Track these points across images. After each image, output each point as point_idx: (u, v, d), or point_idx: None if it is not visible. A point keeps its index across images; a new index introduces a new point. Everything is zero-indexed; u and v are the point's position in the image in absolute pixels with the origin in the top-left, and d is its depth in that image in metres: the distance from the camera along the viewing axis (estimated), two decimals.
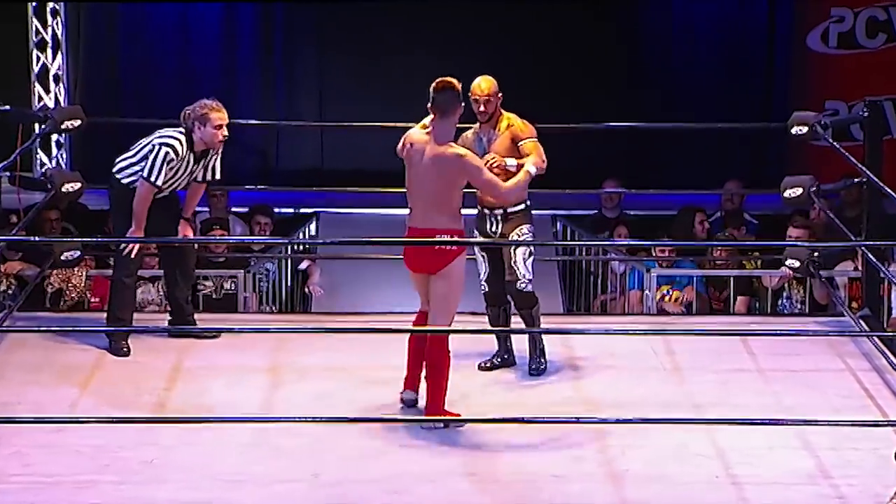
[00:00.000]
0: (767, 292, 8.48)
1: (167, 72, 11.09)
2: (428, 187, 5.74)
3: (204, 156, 6.68)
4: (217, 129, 6.59)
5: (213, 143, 6.60)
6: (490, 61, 11.00)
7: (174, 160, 6.56)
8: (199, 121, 6.57)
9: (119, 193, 6.65)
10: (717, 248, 8.74)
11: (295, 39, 11.30)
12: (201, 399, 6.06)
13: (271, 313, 8.54)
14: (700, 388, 6.28)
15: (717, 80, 11.17)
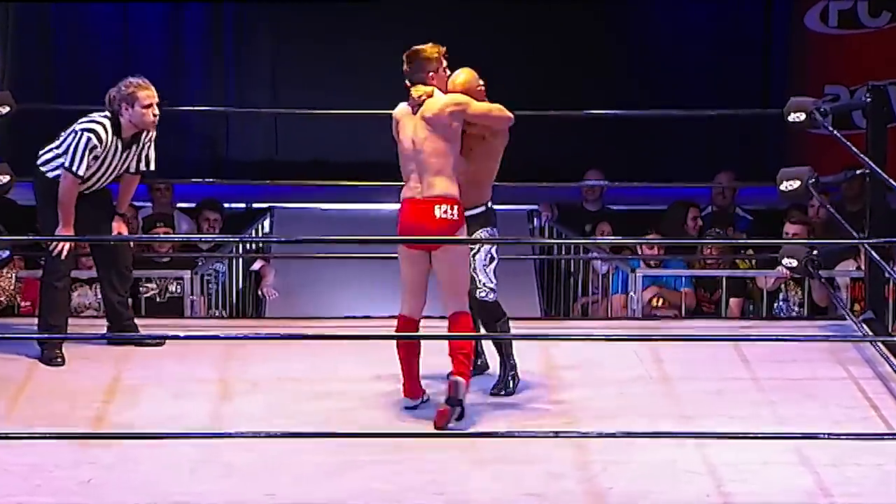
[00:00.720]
0: (762, 294, 8.52)
1: (105, 55, 11.05)
2: (420, 149, 5.89)
3: (135, 142, 6.65)
4: (146, 108, 6.56)
5: (143, 124, 6.57)
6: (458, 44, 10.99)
7: (97, 147, 6.53)
8: (125, 101, 6.54)
9: (44, 187, 6.62)
10: (708, 246, 8.76)
11: (246, 20, 11.29)
12: (144, 413, 6.03)
13: (221, 318, 8.53)
14: (689, 398, 6.30)
15: (708, 62, 11.21)
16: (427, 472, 5.44)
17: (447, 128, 5.91)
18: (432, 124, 5.91)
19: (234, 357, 6.70)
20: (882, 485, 5.32)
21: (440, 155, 5.90)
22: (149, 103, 6.56)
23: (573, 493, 5.30)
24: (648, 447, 5.60)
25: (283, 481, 5.35)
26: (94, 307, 8.35)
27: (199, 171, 10.59)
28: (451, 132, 5.92)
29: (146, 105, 6.55)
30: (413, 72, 6.01)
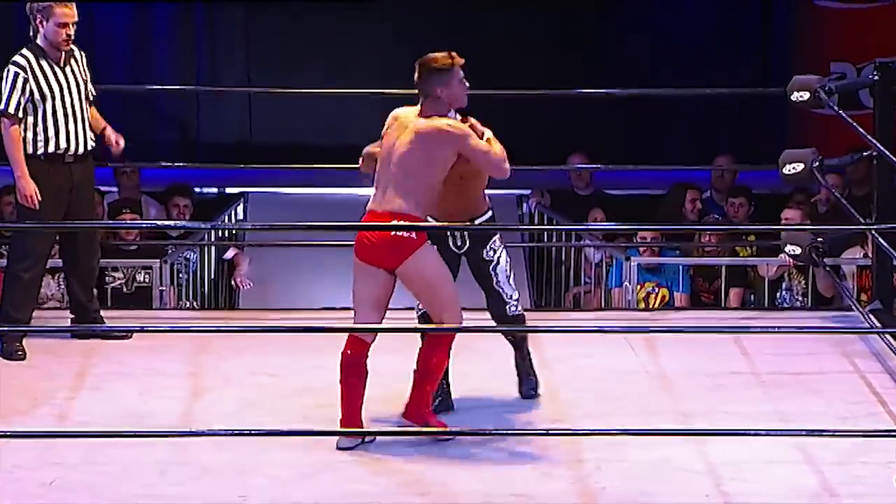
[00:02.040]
0: (764, 283, 8.53)
1: None
2: (397, 162, 5.62)
3: (68, 63, 6.66)
4: (60, 27, 6.57)
5: (55, 41, 6.58)
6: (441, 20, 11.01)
7: (27, 77, 6.55)
8: (41, 14, 6.59)
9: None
10: (707, 233, 8.77)
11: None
12: (110, 410, 6.02)
13: (192, 310, 8.52)
14: (687, 393, 6.31)
15: (707, 39, 11.22)
16: (410, 473, 5.44)
17: (434, 152, 5.60)
18: (420, 142, 5.61)
19: (205, 351, 6.69)
20: (890, 484, 5.33)
21: (414, 176, 5.58)
22: (64, 22, 6.58)
23: (565, 494, 5.30)
24: (644, 445, 5.60)
25: (257, 482, 5.34)
26: (57, 298, 8.34)
27: (169, 155, 10.58)
28: (435, 158, 5.60)
29: (61, 23, 6.57)
30: (422, 82, 5.70)
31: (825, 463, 5.51)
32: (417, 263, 5.62)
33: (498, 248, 5.99)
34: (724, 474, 5.43)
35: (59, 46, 6.61)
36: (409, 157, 5.62)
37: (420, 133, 5.64)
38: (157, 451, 5.52)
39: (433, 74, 5.69)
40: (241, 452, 5.53)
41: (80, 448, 5.52)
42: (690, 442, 5.62)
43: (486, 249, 5.98)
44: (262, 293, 9.13)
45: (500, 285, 5.98)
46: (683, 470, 5.47)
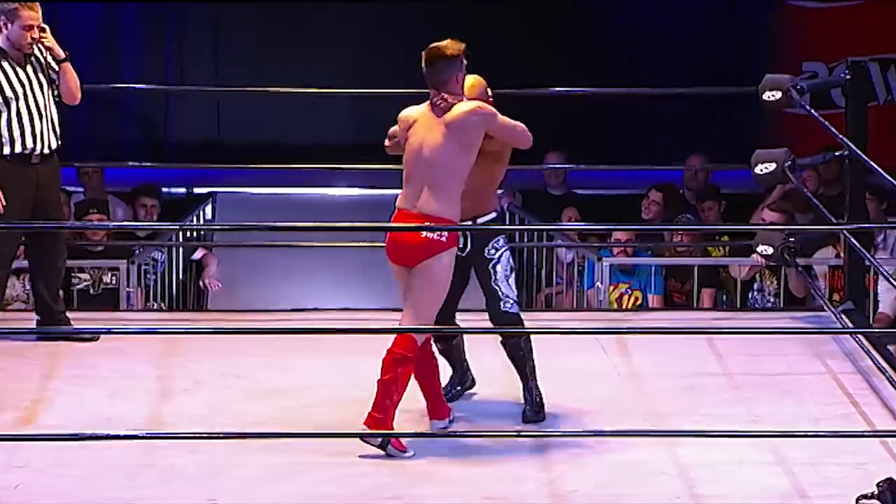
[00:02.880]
0: (736, 284, 8.56)
1: None
2: (430, 160, 5.63)
3: (29, 62, 6.65)
4: (26, 30, 6.59)
5: (21, 44, 6.60)
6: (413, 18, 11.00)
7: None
8: (6, 16, 6.60)
9: None
10: (679, 232, 8.79)
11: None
12: (78, 413, 6.01)
13: (160, 311, 8.51)
14: (659, 395, 6.33)
15: (679, 37, 11.24)
16: (381, 476, 5.44)
17: (469, 138, 5.66)
18: (453, 132, 5.64)
19: (174, 353, 6.68)
20: (863, 485, 5.34)
21: (449, 170, 5.64)
22: (30, 24, 6.60)
23: (536, 496, 5.31)
24: (616, 447, 5.62)
25: (226, 486, 5.34)
26: (22, 299, 8.31)
27: (137, 154, 10.55)
28: (471, 143, 5.66)
29: (27, 26, 6.59)
30: (435, 74, 5.69)
31: (797, 464, 5.53)
32: (435, 263, 5.65)
33: (500, 248, 5.98)
34: (696, 476, 5.45)
35: (23, 49, 6.62)
36: (444, 151, 5.65)
37: (451, 124, 5.66)
38: (125, 453, 5.51)
39: (448, 62, 5.70)
40: (211, 455, 5.52)
41: (47, 451, 5.51)
42: (663, 443, 5.64)
43: (489, 248, 5.97)
44: (230, 294, 9.12)
45: (497, 283, 5.95)
46: (655, 472, 5.48)
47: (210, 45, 11.27)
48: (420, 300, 5.68)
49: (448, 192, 5.64)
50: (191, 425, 5.81)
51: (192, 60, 11.25)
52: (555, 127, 10.63)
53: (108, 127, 11.02)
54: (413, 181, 5.69)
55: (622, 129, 10.99)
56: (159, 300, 8.73)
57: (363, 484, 5.38)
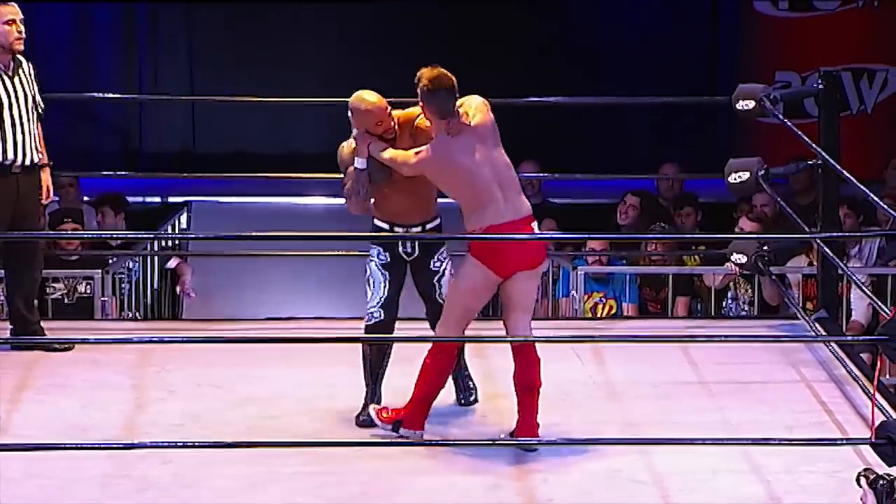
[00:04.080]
0: (710, 292, 8.57)
1: None
2: (495, 164, 5.69)
3: (16, 72, 6.54)
4: (8, 24, 6.46)
5: (7, 41, 6.47)
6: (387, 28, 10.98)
7: None
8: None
9: None
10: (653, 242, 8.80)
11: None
12: (51, 423, 5.98)
13: (134, 320, 8.47)
14: (634, 403, 6.32)
15: (652, 47, 11.26)
16: (356, 484, 5.43)
17: (496, 130, 5.75)
18: (488, 133, 5.71)
19: (148, 362, 6.65)
20: (838, 493, 5.36)
21: (510, 166, 5.74)
22: (10, 19, 6.47)
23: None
24: (591, 455, 5.62)
25: (202, 495, 5.32)
26: None
27: (112, 164, 10.52)
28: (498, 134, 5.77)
29: (8, 20, 6.46)
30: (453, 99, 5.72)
31: (771, 472, 5.54)
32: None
33: (444, 260, 6.00)
34: (671, 484, 5.45)
35: (11, 46, 6.50)
36: (498, 152, 5.72)
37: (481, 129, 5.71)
38: (99, 464, 5.48)
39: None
40: (186, 465, 5.50)
41: (20, 461, 5.48)
42: (637, 452, 5.64)
43: (434, 259, 5.99)
44: (205, 303, 9.09)
45: (441, 297, 5.98)
46: (630, 480, 5.48)
47: (185, 54, 11.25)
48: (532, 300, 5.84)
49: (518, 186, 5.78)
50: (165, 435, 5.79)
51: (166, 70, 11.22)
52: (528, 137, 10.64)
53: (84, 136, 10.98)
54: (492, 194, 5.66)
55: (596, 138, 11.01)
56: (134, 309, 8.70)
57: (339, 493, 5.37)
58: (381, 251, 5.96)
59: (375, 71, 10.15)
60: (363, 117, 5.86)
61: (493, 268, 5.66)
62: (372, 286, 5.97)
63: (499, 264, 5.67)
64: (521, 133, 10.58)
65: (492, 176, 5.69)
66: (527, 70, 10.83)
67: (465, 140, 5.68)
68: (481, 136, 5.71)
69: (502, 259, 5.68)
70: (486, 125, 5.73)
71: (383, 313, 5.95)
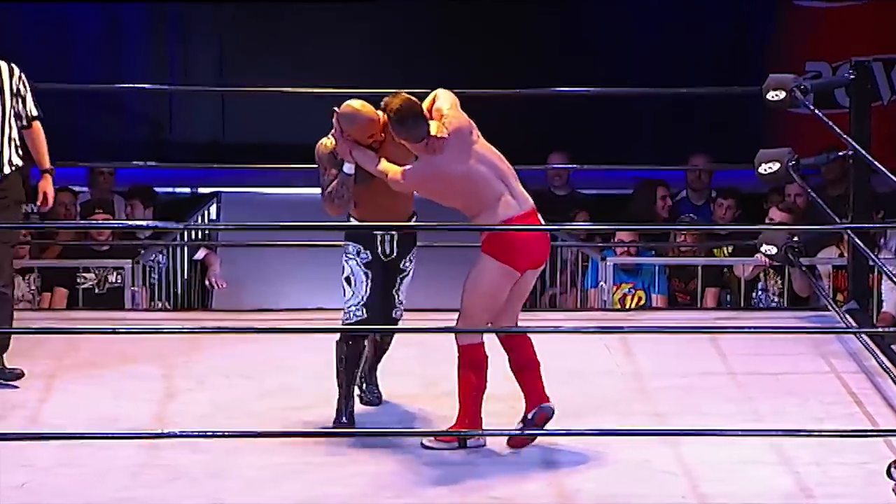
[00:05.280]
0: (740, 283, 8.55)
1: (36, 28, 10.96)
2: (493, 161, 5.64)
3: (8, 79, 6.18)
4: None
5: None
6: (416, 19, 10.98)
7: None
8: None
9: None
10: (683, 232, 8.78)
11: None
12: (81, 412, 6.01)
13: (164, 310, 8.50)
14: (663, 394, 6.32)
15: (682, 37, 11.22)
16: (384, 476, 5.44)
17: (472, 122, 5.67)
18: (468, 130, 5.61)
19: (178, 352, 6.68)
20: (868, 485, 5.35)
21: (501, 156, 5.69)
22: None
23: (541, 496, 5.31)
24: (620, 446, 5.62)
25: (230, 485, 5.34)
26: (27, 299, 8.32)
27: (141, 154, 10.53)
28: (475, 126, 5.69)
29: None
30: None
31: (801, 463, 5.53)
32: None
33: (413, 260, 5.96)
34: (700, 475, 5.45)
35: None
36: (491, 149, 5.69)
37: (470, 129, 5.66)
38: (129, 453, 5.51)
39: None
40: (215, 454, 5.52)
41: (51, 451, 5.51)
42: (666, 443, 5.64)
43: (406, 259, 5.94)
44: (235, 294, 9.11)
45: (400, 293, 5.94)
46: (660, 471, 5.48)
47: (215, 45, 11.26)
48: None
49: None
50: (195, 425, 5.81)
51: (196, 60, 11.23)
52: (558, 127, 10.65)
53: (113, 127, 11.01)
54: (502, 187, 5.61)
55: (625, 129, 10.98)
56: (164, 300, 8.73)
57: (368, 483, 5.38)
58: (362, 249, 5.85)
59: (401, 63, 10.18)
60: (360, 127, 5.76)
61: (512, 263, 5.57)
62: (353, 284, 5.84)
63: (516, 259, 5.58)
64: (549, 124, 10.64)
65: (490, 173, 5.61)
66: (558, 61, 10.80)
67: (452, 148, 5.55)
68: (464, 137, 5.59)
69: (520, 253, 5.59)
70: (463, 123, 5.61)
71: (365, 311, 5.83)
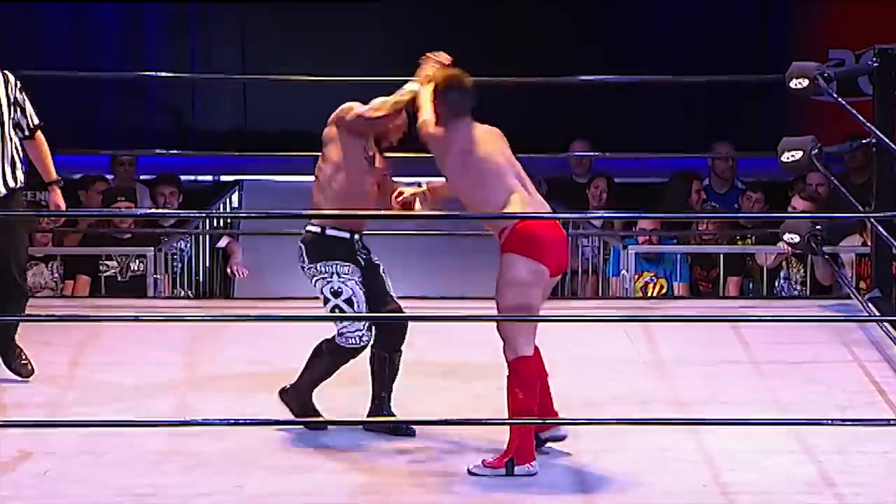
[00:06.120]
0: (762, 272, 8.54)
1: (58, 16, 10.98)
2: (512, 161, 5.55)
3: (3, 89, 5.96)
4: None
5: None
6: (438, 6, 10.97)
7: None
8: None
9: None
10: (705, 221, 8.77)
11: None
12: (105, 400, 6.03)
13: (187, 298, 8.53)
14: (685, 382, 6.32)
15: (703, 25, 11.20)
16: (408, 464, 5.45)
17: None
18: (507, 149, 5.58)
19: (201, 340, 6.70)
20: (889, 474, 5.34)
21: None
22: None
23: (562, 483, 5.31)
24: (641, 434, 5.62)
25: (254, 472, 5.35)
26: (50, 286, 8.35)
27: (163, 142, 10.56)
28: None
29: None
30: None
31: (823, 452, 5.52)
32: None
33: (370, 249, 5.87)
34: (721, 464, 5.45)
35: None
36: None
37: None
38: (152, 441, 5.53)
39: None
40: (237, 442, 5.54)
41: (75, 438, 5.53)
42: (688, 431, 5.64)
43: (371, 255, 5.86)
44: (257, 282, 9.13)
45: (390, 288, 5.80)
46: (681, 459, 5.48)
47: (237, 33, 11.28)
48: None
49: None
50: (218, 413, 5.82)
51: (218, 49, 11.25)
52: (580, 115, 10.64)
53: (136, 115, 11.03)
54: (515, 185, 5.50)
55: (647, 116, 10.96)
56: (186, 288, 8.75)
57: (388, 470, 5.39)
58: (353, 266, 5.72)
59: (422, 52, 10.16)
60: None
61: (540, 258, 5.32)
62: (355, 306, 5.68)
63: (544, 254, 5.33)
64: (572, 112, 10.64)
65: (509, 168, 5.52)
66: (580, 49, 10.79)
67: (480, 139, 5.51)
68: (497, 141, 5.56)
69: (547, 249, 5.35)
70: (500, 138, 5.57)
71: (369, 334, 5.70)
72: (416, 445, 5.57)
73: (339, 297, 5.71)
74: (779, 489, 5.27)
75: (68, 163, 9.64)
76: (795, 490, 5.26)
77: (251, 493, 5.20)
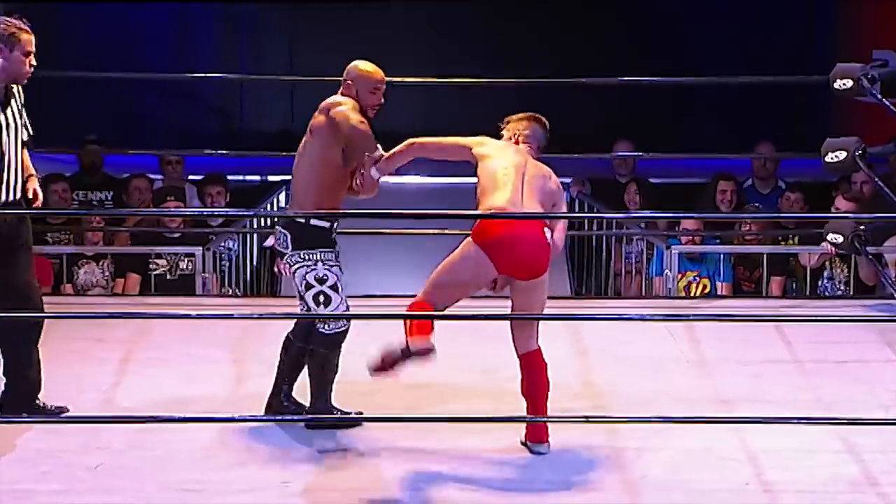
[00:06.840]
0: (806, 272, 8.51)
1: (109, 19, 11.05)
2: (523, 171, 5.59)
3: (9, 100, 5.75)
4: (27, 56, 5.66)
5: (18, 74, 5.67)
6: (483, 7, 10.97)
7: None
8: (4, 43, 5.64)
9: None
10: (748, 221, 8.75)
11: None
12: (154, 396, 6.07)
13: (234, 297, 8.56)
14: (728, 381, 6.30)
15: (747, 26, 11.18)
16: (450, 459, 5.45)
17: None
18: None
19: (248, 337, 6.73)
20: None
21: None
22: (30, 51, 5.67)
23: (605, 482, 5.30)
24: (684, 433, 5.61)
25: (300, 468, 5.37)
26: (101, 284, 8.40)
27: (212, 143, 10.61)
28: None
29: (27, 52, 5.67)
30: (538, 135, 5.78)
31: (866, 451, 5.50)
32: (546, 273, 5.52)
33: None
34: (764, 462, 5.43)
35: (21, 80, 5.71)
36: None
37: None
38: (200, 436, 5.56)
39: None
40: (284, 438, 5.56)
41: (125, 433, 5.57)
42: (731, 430, 5.63)
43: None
44: None
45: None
46: (724, 458, 5.47)
47: (285, 36, 11.33)
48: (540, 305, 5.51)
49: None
50: (264, 410, 5.84)
51: (267, 50, 11.30)
52: (624, 116, 10.63)
53: (185, 116, 11.10)
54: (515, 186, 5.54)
55: (691, 117, 10.95)
56: (233, 286, 8.79)
57: (432, 467, 5.40)
58: (334, 253, 5.86)
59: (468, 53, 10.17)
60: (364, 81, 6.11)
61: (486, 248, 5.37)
62: (340, 291, 5.82)
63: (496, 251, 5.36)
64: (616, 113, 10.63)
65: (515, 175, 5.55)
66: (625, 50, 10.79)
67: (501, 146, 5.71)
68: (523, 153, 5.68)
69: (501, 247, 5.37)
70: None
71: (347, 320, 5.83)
72: (456, 441, 5.57)
73: (324, 284, 5.84)
74: (822, 488, 5.25)
75: (117, 163, 9.75)
76: (838, 489, 5.24)
77: (296, 488, 5.22)
